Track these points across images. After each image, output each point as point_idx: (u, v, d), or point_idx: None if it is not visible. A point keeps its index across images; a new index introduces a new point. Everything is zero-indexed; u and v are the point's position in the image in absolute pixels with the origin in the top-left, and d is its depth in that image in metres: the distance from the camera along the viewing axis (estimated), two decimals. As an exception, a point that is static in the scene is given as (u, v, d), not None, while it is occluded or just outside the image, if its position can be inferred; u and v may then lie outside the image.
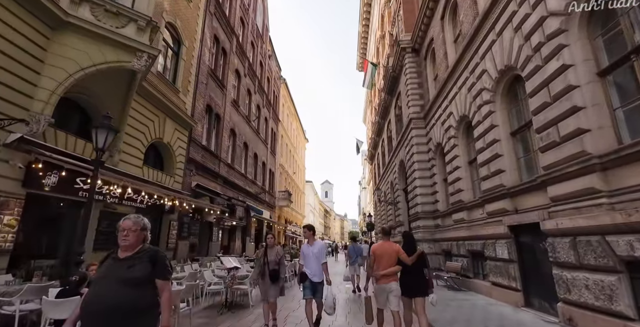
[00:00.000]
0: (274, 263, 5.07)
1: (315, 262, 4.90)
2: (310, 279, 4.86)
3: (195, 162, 12.60)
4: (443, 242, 11.01)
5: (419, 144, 13.25)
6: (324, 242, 5.45)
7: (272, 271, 5.00)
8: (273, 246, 5.31)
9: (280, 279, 5.07)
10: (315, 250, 4.98)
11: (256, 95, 22.01)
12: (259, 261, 5.22)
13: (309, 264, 4.94)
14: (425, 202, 12.61)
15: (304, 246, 5.17)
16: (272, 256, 5.11)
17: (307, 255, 5.00)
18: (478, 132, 8.10)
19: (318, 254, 4.94)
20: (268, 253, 5.15)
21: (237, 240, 17.48)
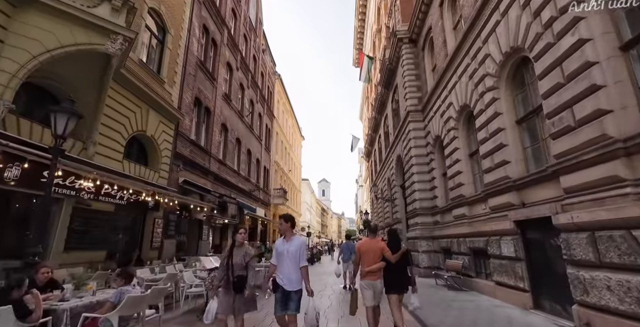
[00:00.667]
0: (240, 267, 3.90)
1: (292, 265, 3.73)
2: (282, 288, 3.69)
3: (183, 158, 12.00)
4: (442, 240, 10.51)
5: (416, 137, 12.73)
6: (304, 239, 4.01)
7: (237, 277, 3.83)
8: (242, 244, 4.09)
9: (249, 288, 3.88)
10: (292, 248, 3.79)
11: (249, 90, 21.40)
12: (222, 264, 4.03)
13: (282, 267, 3.77)
14: (424, 198, 12.10)
15: (279, 242, 3.94)
16: (237, 258, 3.93)
17: (280, 254, 3.82)
18: (480, 122, 7.57)
19: (295, 254, 3.77)
20: (234, 254, 3.96)
21: (229, 238, 16.89)
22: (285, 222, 3.92)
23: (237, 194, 18.01)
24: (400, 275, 4.44)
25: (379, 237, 4.83)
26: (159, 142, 10.42)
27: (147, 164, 10.27)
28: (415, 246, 11.94)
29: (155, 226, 10.11)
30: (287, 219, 3.94)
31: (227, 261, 3.97)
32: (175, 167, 11.45)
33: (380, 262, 4.34)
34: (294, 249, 3.79)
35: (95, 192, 7.57)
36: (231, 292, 3.83)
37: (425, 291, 8.13)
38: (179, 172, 11.68)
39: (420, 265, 11.32)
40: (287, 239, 3.90)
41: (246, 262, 3.96)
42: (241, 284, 3.84)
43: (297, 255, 3.77)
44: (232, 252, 3.99)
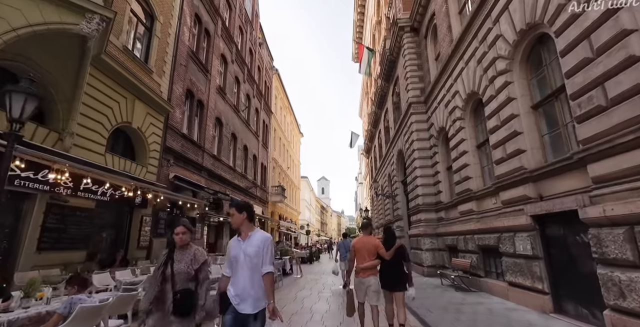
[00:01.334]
0: (186, 277, 2.68)
1: (250, 274, 2.52)
2: (234, 309, 2.47)
3: (174, 152, 11.39)
4: (447, 237, 9.95)
5: (419, 130, 12.14)
6: (269, 236, 2.70)
7: (181, 293, 2.60)
8: (186, 245, 2.80)
9: (198, 309, 2.63)
10: (250, 249, 2.56)
11: (245, 84, 20.77)
12: (154, 276, 2.75)
13: (236, 278, 2.55)
14: (427, 194, 11.53)
15: (232, 242, 2.70)
16: (181, 264, 2.69)
17: (235, 258, 2.60)
18: (490, 109, 6.98)
19: (255, 257, 2.54)
20: (175, 259, 2.72)
21: (225, 237, 16.33)
22: (237, 212, 2.64)
23: (233, 191, 17.41)
24: (396, 271, 4.39)
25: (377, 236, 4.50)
26: (146, 135, 9.81)
27: (135, 159, 9.68)
28: (418, 244, 11.39)
29: (143, 224, 9.52)
30: (240, 208, 2.66)
31: (162, 269, 2.66)
32: (165, 162, 10.85)
33: (375, 259, 4.32)
34: (253, 251, 2.53)
35: (73, 187, 6.98)
36: (168, 317, 2.55)
37: (431, 292, 7.57)
38: (169, 167, 11.08)
39: (424, 264, 10.76)
40: (243, 236, 2.63)
41: (195, 271, 2.70)
42: (186, 303, 2.57)
43: (258, 258, 2.52)
44: (171, 258, 2.70)
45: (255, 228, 2.73)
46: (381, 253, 4.31)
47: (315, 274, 12.78)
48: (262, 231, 2.78)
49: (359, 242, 4.49)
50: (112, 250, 8.72)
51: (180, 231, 2.79)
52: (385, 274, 4.41)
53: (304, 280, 10.73)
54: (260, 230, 2.74)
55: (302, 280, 10.76)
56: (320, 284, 9.49)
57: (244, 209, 2.69)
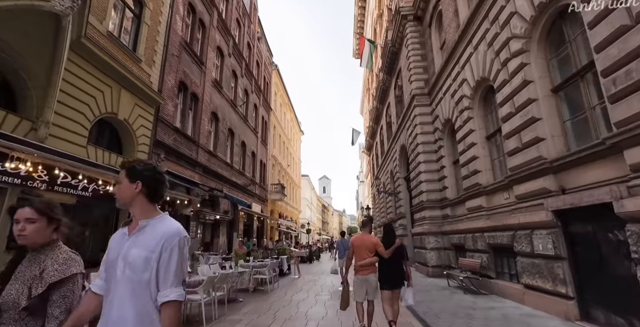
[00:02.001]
0: (14, 315, 1.39)
1: (127, 296, 1.31)
2: None
3: (165, 146, 10.84)
4: (454, 235, 9.36)
5: (423, 123, 11.54)
6: (179, 227, 1.50)
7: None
8: (45, 247, 1.59)
9: None
10: (135, 252, 1.36)
11: (243, 79, 20.20)
12: None
13: (107, 302, 1.35)
14: (432, 190, 10.94)
15: (116, 235, 1.55)
16: (14, 286, 1.43)
17: (111, 265, 1.41)
18: (503, 95, 6.38)
19: (143, 270, 1.33)
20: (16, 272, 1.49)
21: (221, 236, 15.78)
22: (128, 179, 1.49)
23: (230, 188, 16.87)
24: (395, 270, 4.33)
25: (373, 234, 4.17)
26: (134, 127, 9.26)
27: (122, 152, 9.13)
28: (422, 243, 10.81)
29: (131, 221, 8.97)
30: (133, 173, 1.50)
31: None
32: (156, 156, 10.29)
33: (374, 257, 4.26)
34: (141, 256, 1.35)
35: (49, 181, 6.43)
36: None
37: (438, 295, 6.99)
38: (160, 162, 10.52)
39: (428, 263, 10.18)
40: (131, 228, 1.50)
41: (40, 295, 1.43)
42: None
43: (147, 272, 1.34)
44: (12, 269, 1.51)
45: (158, 214, 1.54)
46: (380, 251, 4.25)
47: (314, 274, 12.21)
48: (172, 219, 1.57)
49: (357, 239, 4.43)
50: (97, 250, 8.19)
51: (24, 216, 1.53)
52: (385, 272, 4.34)
53: (302, 281, 10.17)
54: (168, 217, 1.55)
55: (299, 281, 10.20)
56: (319, 286, 8.92)
57: (139, 177, 1.49)
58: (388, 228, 4.76)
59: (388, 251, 4.24)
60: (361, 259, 4.27)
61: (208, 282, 4.70)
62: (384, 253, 4.22)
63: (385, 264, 4.32)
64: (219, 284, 5.29)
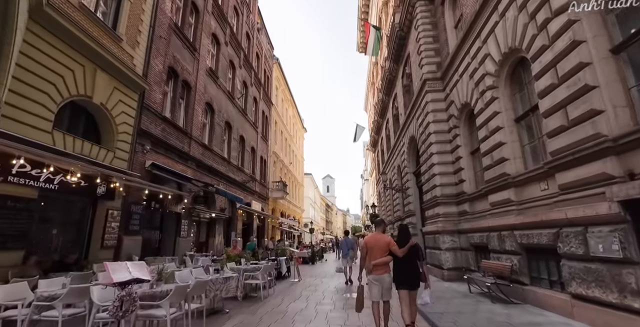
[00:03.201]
0: None
1: None
2: None
3: (152, 137, 9.86)
4: (474, 234, 8.27)
5: (436, 110, 10.45)
6: None
7: None
8: None
9: None
10: None
11: (242, 70, 19.19)
12: None
13: None
14: (446, 184, 9.85)
15: None
16: None
17: None
18: (542, 65, 5.28)
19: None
20: None
21: (217, 235, 14.79)
22: None
23: (227, 185, 15.88)
24: (410, 270, 4.27)
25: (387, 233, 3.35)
26: (113, 113, 8.27)
27: (100, 142, 8.16)
28: (436, 243, 9.72)
29: (109, 219, 7.98)
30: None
31: None
32: (140, 147, 9.30)
33: (387, 256, 4.24)
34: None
35: (3, 170, 5.47)
36: None
37: (461, 304, 5.91)
38: (145, 153, 9.54)
39: (443, 266, 9.09)
40: None
41: None
42: None
43: None
44: None
45: None
46: (394, 250, 4.21)
47: (317, 277, 11.13)
48: None
49: (371, 239, 4.37)
50: (69, 250, 7.23)
51: None
52: (400, 273, 4.28)
53: (302, 285, 9.11)
54: None
55: (299, 285, 9.15)
56: (320, 292, 7.85)
57: None
58: (403, 228, 4.69)
59: (402, 250, 4.20)
60: (375, 259, 4.20)
61: (176, 293, 3.68)
62: (398, 252, 4.19)
63: (400, 264, 4.28)
64: (195, 294, 4.27)
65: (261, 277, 6.77)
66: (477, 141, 8.30)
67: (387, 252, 4.23)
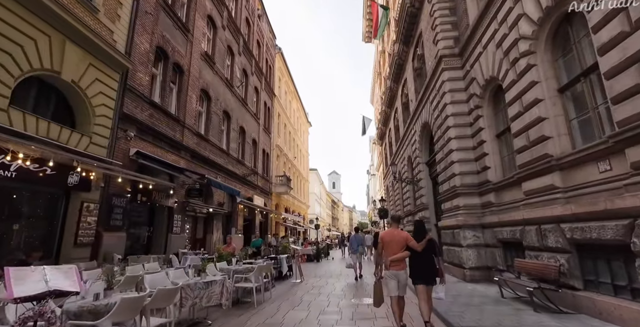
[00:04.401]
0: None
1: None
2: None
3: (137, 123, 8.88)
4: (502, 228, 7.15)
5: (454, 90, 9.29)
6: None
7: None
8: None
9: None
10: None
11: (241, 58, 18.14)
12: None
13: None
14: (467, 172, 8.71)
15: None
16: None
17: None
18: (597, 17, 4.12)
19: None
20: None
21: (216, 232, 13.84)
22: None
23: (226, 178, 14.91)
24: (427, 265, 4.28)
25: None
26: (88, 93, 7.28)
27: (75, 126, 7.20)
28: (455, 238, 8.62)
29: (84, 212, 7.03)
30: None
31: None
32: (122, 133, 8.32)
33: (405, 251, 4.23)
34: None
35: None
36: None
37: (496, 312, 4.83)
38: (128, 140, 8.56)
39: (464, 265, 8.01)
40: None
41: None
42: None
43: None
44: None
45: None
46: (411, 245, 4.24)
47: (321, 277, 10.07)
48: None
49: (388, 235, 4.40)
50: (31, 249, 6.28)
51: None
52: (417, 268, 4.30)
53: (304, 287, 8.07)
54: None
55: (301, 287, 8.11)
56: (324, 297, 6.79)
57: None
58: (419, 223, 4.72)
59: (420, 244, 4.23)
60: (392, 255, 4.22)
61: (123, 308, 2.67)
62: (416, 246, 4.21)
63: (417, 259, 4.29)
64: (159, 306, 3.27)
65: (254, 280, 5.74)
66: (504, 122, 7.15)
67: (405, 247, 4.24)
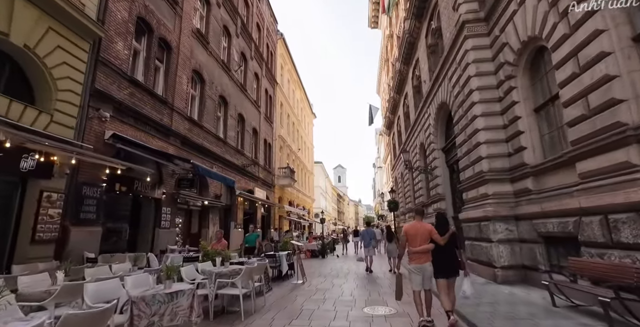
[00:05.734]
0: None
1: None
2: None
3: (114, 101, 7.73)
4: (546, 220, 5.90)
5: (479, 61, 7.97)
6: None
7: None
8: None
9: None
10: None
11: (239, 40, 16.87)
12: None
13: None
14: (496, 155, 7.45)
15: None
16: None
17: None
18: None
19: None
20: None
21: (212, 226, 12.73)
22: None
23: (224, 168, 13.79)
24: (448, 259, 4.28)
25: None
26: (48, 62, 6.12)
27: (34, 101, 6.06)
28: (482, 233, 7.40)
29: (44, 203, 5.92)
30: None
31: None
32: (93, 112, 7.18)
33: (430, 244, 4.20)
34: None
35: None
36: None
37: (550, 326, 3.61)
38: (104, 121, 7.43)
39: (495, 263, 6.79)
40: None
41: None
42: None
43: None
44: None
45: None
46: (435, 238, 4.20)
47: (326, 277, 8.86)
48: None
49: (412, 228, 4.34)
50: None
51: None
52: (438, 261, 4.24)
53: (306, 291, 6.87)
54: None
55: (302, 290, 6.92)
56: (330, 303, 5.59)
57: None
58: (441, 216, 4.72)
59: (444, 238, 4.22)
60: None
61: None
62: (440, 240, 4.19)
63: (439, 253, 4.23)
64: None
65: (241, 285, 4.57)
66: (545, 92, 5.85)
67: (429, 240, 4.20)
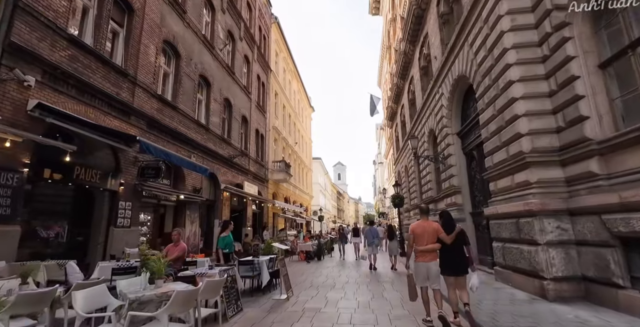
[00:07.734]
0: None
1: None
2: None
3: (43, 63, 5.95)
4: (624, 215, 4.15)
5: (514, 11, 6.21)
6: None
7: None
8: None
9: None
10: None
11: (226, 16, 15.06)
12: None
13: None
14: (541, 130, 5.69)
15: None
16: None
17: None
18: None
19: None
20: None
21: (190, 224, 10.96)
22: None
23: (205, 158, 12.03)
24: (457, 257, 4.24)
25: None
26: None
27: None
28: (521, 232, 5.65)
29: None
30: None
31: None
32: (7, 73, 5.39)
33: (436, 243, 4.23)
34: None
35: None
36: None
37: None
38: (28, 87, 5.64)
39: (543, 273, 5.05)
40: None
41: None
42: None
43: None
44: None
45: None
46: (442, 237, 4.22)
47: (318, 288, 6.95)
48: None
49: (419, 227, 4.34)
50: None
51: None
52: (446, 260, 4.24)
53: (289, 313, 4.93)
54: None
55: (283, 312, 4.94)
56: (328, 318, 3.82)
57: None
58: (446, 215, 4.59)
59: (450, 237, 4.20)
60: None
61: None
62: (446, 239, 4.20)
63: (447, 251, 4.22)
64: None
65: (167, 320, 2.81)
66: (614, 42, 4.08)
67: (436, 239, 4.20)
